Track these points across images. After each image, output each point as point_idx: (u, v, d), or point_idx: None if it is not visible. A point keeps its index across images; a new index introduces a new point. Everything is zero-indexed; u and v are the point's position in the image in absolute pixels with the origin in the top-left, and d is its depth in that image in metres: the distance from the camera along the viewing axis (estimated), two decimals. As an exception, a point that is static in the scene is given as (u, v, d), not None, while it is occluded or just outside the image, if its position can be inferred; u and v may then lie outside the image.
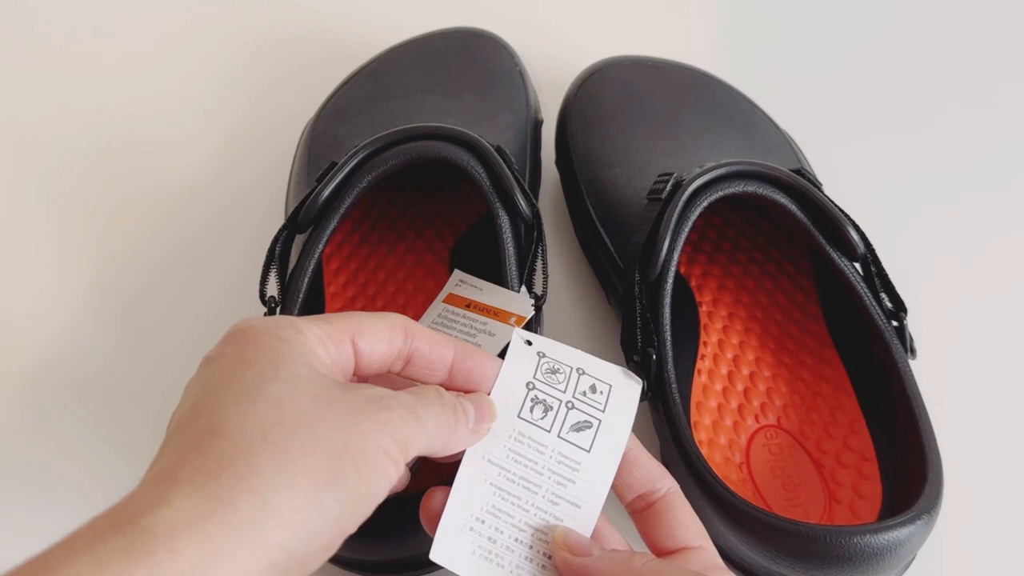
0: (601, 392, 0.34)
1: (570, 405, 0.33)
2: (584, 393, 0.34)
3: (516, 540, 0.31)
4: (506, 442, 0.32)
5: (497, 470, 0.32)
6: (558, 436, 0.33)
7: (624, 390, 0.34)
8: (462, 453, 0.32)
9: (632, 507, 0.33)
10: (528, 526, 0.32)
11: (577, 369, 0.34)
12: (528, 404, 0.33)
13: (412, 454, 0.28)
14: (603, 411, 0.33)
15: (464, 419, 0.31)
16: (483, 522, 0.31)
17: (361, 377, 0.32)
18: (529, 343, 0.34)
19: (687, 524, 0.32)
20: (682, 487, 0.40)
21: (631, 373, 0.35)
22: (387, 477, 0.27)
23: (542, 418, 0.33)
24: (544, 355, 0.34)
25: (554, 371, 0.34)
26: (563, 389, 0.33)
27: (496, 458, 0.32)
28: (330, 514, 0.25)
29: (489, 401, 0.32)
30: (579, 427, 0.33)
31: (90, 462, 0.45)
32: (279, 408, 0.26)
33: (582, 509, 0.32)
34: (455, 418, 0.30)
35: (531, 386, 0.33)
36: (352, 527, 0.27)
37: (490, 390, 0.32)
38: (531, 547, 0.31)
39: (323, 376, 0.28)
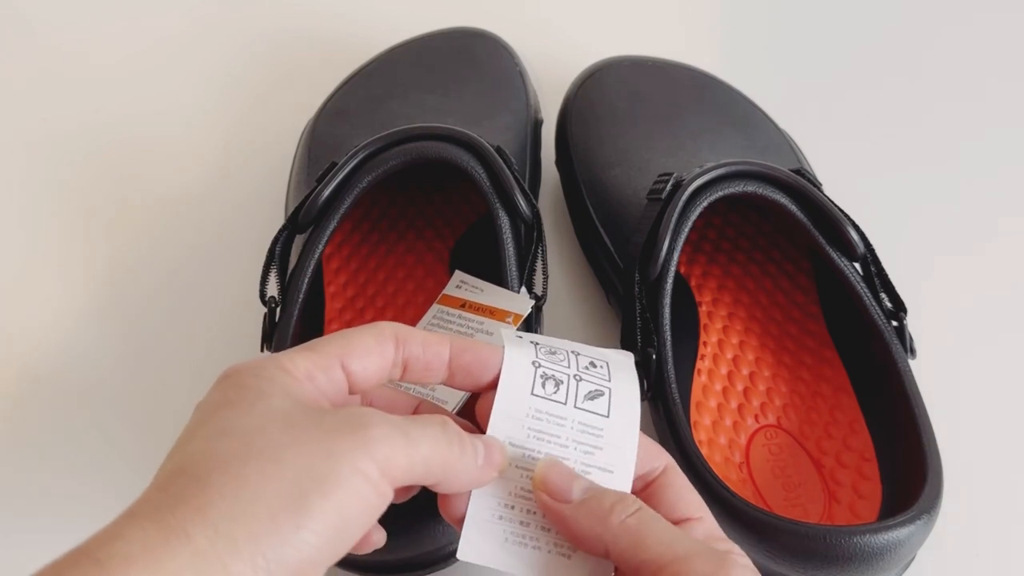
0: (601, 367, 0.33)
1: (578, 378, 0.33)
2: (587, 368, 0.33)
3: None
4: (525, 422, 0.31)
5: (522, 451, 0.31)
6: (575, 407, 0.32)
7: (621, 364, 0.34)
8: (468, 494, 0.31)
9: (632, 488, 0.32)
10: None
11: (572, 352, 0.34)
12: (539, 380, 0.32)
13: (401, 476, 0.27)
14: (609, 381, 0.33)
15: (472, 451, 0.29)
16: (513, 508, 0.30)
17: (361, 393, 0.31)
18: (520, 336, 0.34)
19: (686, 497, 0.31)
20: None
21: (619, 350, 0.35)
22: (363, 500, 0.26)
23: (555, 392, 0.32)
24: (538, 343, 0.34)
25: (553, 352, 0.33)
26: (567, 366, 0.33)
27: (518, 439, 0.31)
28: (293, 541, 0.24)
29: (499, 444, 0.31)
30: (593, 395, 0.32)
31: (90, 463, 0.45)
32: (246, 440, 0.25)
33: (615, 474, 0.31)
34: (460, 446, 0.29)
35: (537, 364, 0.32)
36: (329, 555, 0.25)
37: (493, 379, 0.32)
38: None
39: (303, 406, 0.27)
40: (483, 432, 0.31)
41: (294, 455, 0.25)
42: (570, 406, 0.32)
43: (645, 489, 0.32)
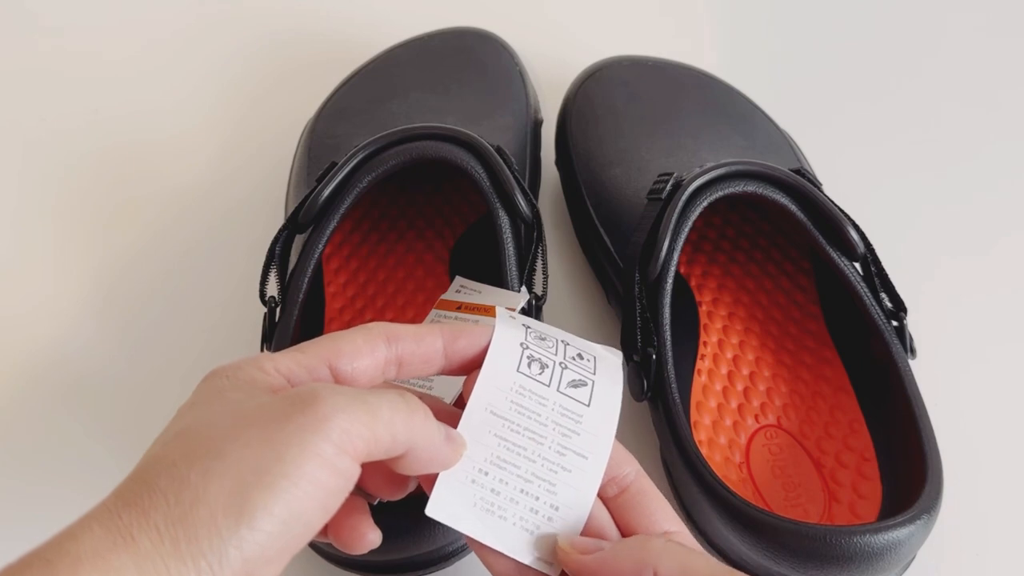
0: (588, 360, 0.34)
1: (563, 366, 0.33)
2: (573, 359, 0.34)
3: (521, 491, 0.31)
4: (508, 394, 0.32)
5: (501, 421, 0.31)
6: (557, 390, 0.32)
7: (608, 360, 0.34)
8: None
9: (605, 494, 0.32)
10: (535, 476, 0.31)
11: (561, 341, 0.34)
12: (525, 360, 0.32)
13: (365, 447, 0.26)
14: (594, 374, 0.33)
15: (436, 424, 0.29)
16: (486, 474, 0.31)
17: None
18: (513, 317, 0.34)
19: (663, 507, 0.32)
20: (682, 487, 0.40)
21: (609, 347, 0.35)
22: (318, 484, 0.25)
23: (540, 373, 0.32)
24: (530, 327, 0.34)
25: (542, 338, 0.34)
26: (554, 353, 0.33)
27: (500, 410, 0.31)
28: (234, 541, 0.24)
29: (458, 432, 0.31)
30: (576, 384, 0.33)
31: (91, 465, 0.45)
32: (194, 439, 0.25)
33: (589, 460, 0.32)
34: (423, 414, 0.28)
35: (525, 346, 0.33)
36: (283, 548, 0.25)
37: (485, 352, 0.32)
38: (537, 498, 0.31)
39: (259, 396, 0.27)
40: (465, 400, 0.31)
41: (237, 449, 0.25)
42: (553, 389, 0.32)
43: (621, 494, 0.32)
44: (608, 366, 0.34)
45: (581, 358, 0.34)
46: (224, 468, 0.24)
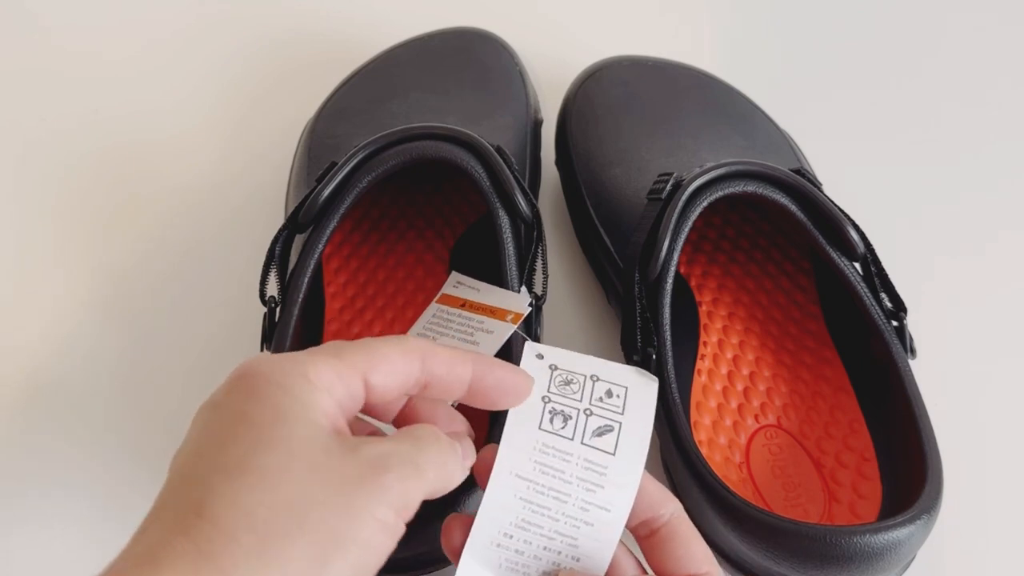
0: (618, 396, 0.34)
1: (588, 412, 0.33)
2: (600, 399, 0.34)
3: (544, 548, 0.32)
4: (532, 455, 0.32)
5: (526, 484, 0.32)
6: (582, 443, 0.32)
7: (640, 390, 0.34)
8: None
9: (637, 533, 0.33)
10: (558, 534, 0.32)
11: (591, 376, 0.34)
12: (547, 416, 0.33)
13: (414, 509, 0.28)
14: (622, 414, 0.33)
15: (459, 455, 0.30)
16: (511, 536, 0.31)
17: (369, 408, 0.31)
18: (540, 356, 0.34)
19: (693, 551, 0.32)
20: (682, 487, 0.40)
21: (645, 372, 0.35)
22: (380, 549, 0.27)
23: (563, 427, 0.33)
24: (556, 367, 0.34)
25: (568, 382, 0.34)
26: (579, 398, 0.33)
27: (524, 472, 0.32)
28: None
29: (469, 442, 0.31)
30: (601, 431, 0.33)
31: (93, 465, 0.45)
32: (269, 483, 0.25)
33: (612, 512, 0.32)
34: (452, 454, 0.29)
35: (547, 399, 0.33)
36: None
37: (508, 405, 0.32)
38: (559, 552, 0.32)
39: (324, 435, 0.27)
40: (490, 467, 0.32)
41: (319, 510, 0.25)
42: (577, 442, 0.33)
43: (651, 536, 0.32)
44: (639, 400, 0.34)
45: (610, 395, 0.34)
46: (305, 532, 0.25)
